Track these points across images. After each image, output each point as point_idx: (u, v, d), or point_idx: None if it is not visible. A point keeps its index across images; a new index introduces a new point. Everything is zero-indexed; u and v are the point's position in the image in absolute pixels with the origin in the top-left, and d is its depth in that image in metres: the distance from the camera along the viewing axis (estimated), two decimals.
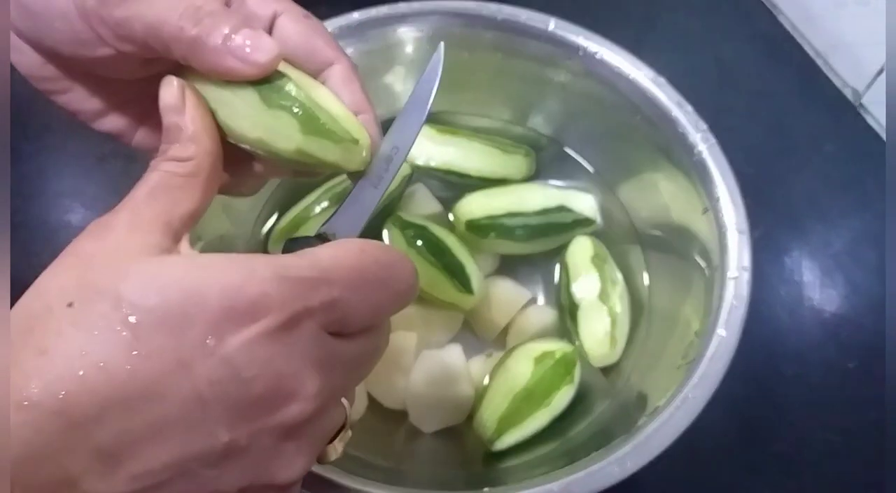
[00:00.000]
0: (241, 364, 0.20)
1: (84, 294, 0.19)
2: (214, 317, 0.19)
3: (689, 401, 0.32)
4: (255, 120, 0.24)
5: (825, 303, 0.48)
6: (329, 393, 0.22)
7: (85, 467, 0.18)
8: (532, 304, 0.44)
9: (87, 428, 0.18)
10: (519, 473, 0.37)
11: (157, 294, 0.19)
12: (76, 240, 0.21)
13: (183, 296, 0.19)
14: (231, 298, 0.20)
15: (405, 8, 0.42)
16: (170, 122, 0.24)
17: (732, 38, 0.59)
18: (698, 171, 0.38)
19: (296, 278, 0.21)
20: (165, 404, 0.19)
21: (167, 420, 0.19)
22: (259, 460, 0.21)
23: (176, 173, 0.23)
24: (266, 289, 0.20)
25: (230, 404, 0.20)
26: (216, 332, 0.20)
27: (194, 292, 0.20)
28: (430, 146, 0.46)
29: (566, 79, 0.44)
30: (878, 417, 0.44)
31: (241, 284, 0.20)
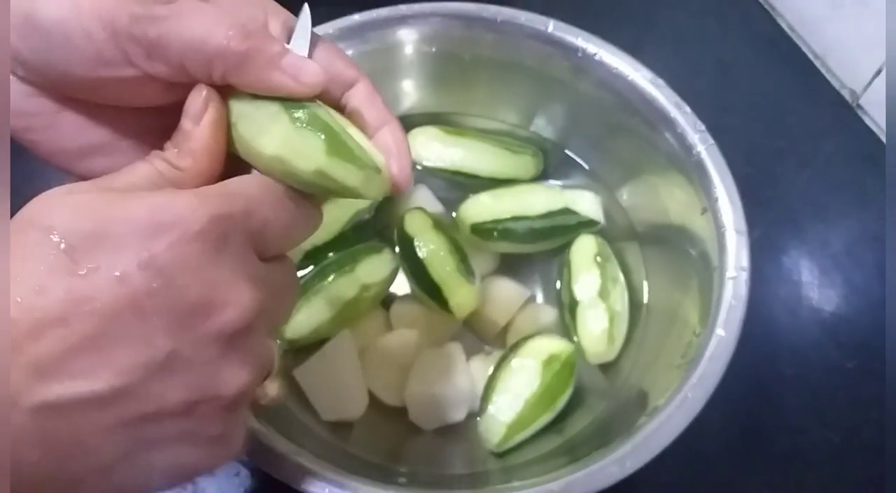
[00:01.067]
0: (176, 273, 0.21)
1: (17, 226, 0.20)
2: (145, 232, 0.21)
3: (689, 401, 0.32)
4: (278, 137, 0.24)
5: (824, 303, 0.48)
6: (260, 308, 0.23)
7: (23, 383, 0.19)
8: (531, 302, 0.45)
9: (24, 346, 0.19)
10: (519, 471, 0.37)
11: (88, 219, 0.20)
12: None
13: (114, 217, 0.21)
14: (158, 212, 0.21)
15: (405, 10, 0.42)
16: (183, 126, 0.24)
17: (731, 40, 0.59)
18: (697, 171, 0.38)
19: (216, 193, 0.22)
20: (105, 319, 0.20)
21: (107, 333, 0.20)
22: (202, 371, 0.22)
23: (163, 174, 0.24)
24: (189, 201, 0.21)
25: (168, 312, 0.21)
26: (148, 245, 0.21)
27: (124, 213, 0.21)
28: (439, 147, 0.46)
29: (566, 80, 0.44)
30: (877, 416, 0.44)
31: (166, 201, 0.21)
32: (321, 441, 0.38)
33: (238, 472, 0.41)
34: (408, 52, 0.44)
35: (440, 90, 0.48)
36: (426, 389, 0.40)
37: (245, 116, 0.24)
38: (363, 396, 0.41)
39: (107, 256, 0.20)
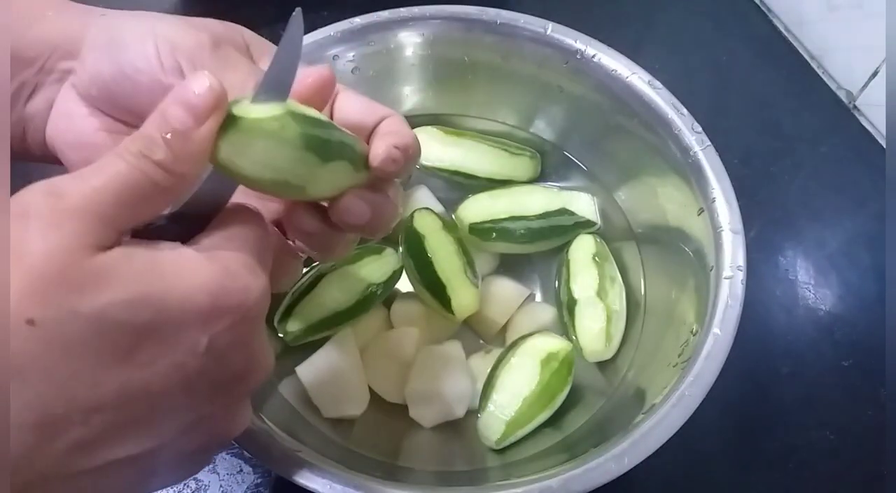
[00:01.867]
0: (227, 352, 0.21)
1: (50, 315, 0.18)
2: (203, 319, 0.20)
3: (686, 399, 0.32)
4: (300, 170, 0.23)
5: (820, 302, 0.48)
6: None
7: (59, 459, 0.19)
8: (531, 301, 0.45)
9: (69, 433, 0.19)
10: (518, 468, 0.38)
11: (147, 308, 0.19)
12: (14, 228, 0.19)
13: (171, 306, 0.20)
14: (218, 298, 0.21)
15: (406, 13, 0.43)
16: (181, 120, 0.21)
17: (727, 41, 0.60)
18: (694, 172, 0.39)
19: (255, 266, 0.22)
20: (156, 400, 0.20)
21: (154, 410, 0.20)
22: (222, 421, 0.23)
23: (157, 183, 0.21)
24: (245, 283, 0.22)
25: (214, 384, 0.22)
26: (208, 332, 0.21)
27: (181, 302, 0.20)
28: (437, 147, 0.47)
29: (564, 82, 0.44)
30: (873, 415, 0.44)
31: (223, 284, 0.21)
32: (323, 438, 0.39)
33: (241, 469, 0.42)
34: (408, 55, 0.45)
35: (440, 92, 0.48)
36: (426, 386, 0.40)
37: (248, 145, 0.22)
38: (364, 393, 0.41)
39: (166, 346, 0.20)
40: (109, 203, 0.20)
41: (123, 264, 0.19)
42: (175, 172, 0.21)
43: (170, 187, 0.21)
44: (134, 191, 0.20)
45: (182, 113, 0.21)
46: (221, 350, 0.21)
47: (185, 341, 0.20)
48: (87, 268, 0.19)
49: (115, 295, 0.19)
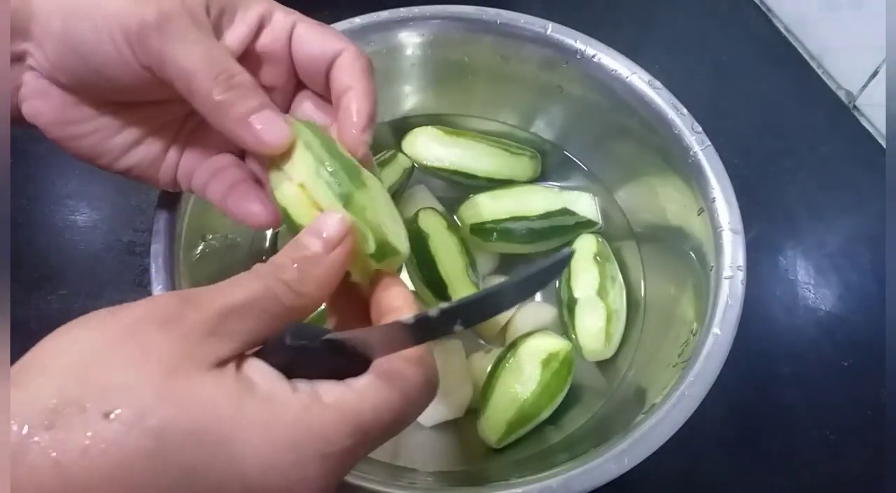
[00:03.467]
0: None
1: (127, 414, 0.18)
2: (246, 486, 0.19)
3: (686, 399, 0.32)
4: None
5: (820, 302, 0.48)
6: None
7: None
8: (530, 300, 0.45)
9: None
10: (518, 468, 0.38)
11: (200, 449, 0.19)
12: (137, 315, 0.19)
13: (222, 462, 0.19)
14: (267, 475, 0.19)
15: (406, 13, 0.43)
16: (310, 247, 0.23)
17: (727, 41, 0.60)
18: (694, 172, 0.39)
19: (337, 454, 0.20)
20: None
21: None
22: None
23: (279, 299, 0.22)
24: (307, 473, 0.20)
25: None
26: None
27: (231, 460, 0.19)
28: (438, 147, 0.47)
29: (564, 82, 0.44)
30: (873, 414, 0.44)
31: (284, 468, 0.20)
32: None
33: None
34: (408, 55, 0.45)
35: (440, 92, 0.48)
36: None
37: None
38: None
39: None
40: (235, 317, 0.21)
41: (212, 390, 0.19)
42: (298, 292, 0.22)
43: (292, 306, 0.22)
44: (260, 307, 0.21)
45: (314, 241, 0.23)
46: None
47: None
48: (190, 386, 0.19)
49: (180, 418, 0.18)
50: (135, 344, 0.19)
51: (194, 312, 0.20)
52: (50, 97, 0.26)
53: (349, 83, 0.28)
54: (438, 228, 0.43)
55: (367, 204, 0.25)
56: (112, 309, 0.20)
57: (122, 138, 0.28)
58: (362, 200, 0.25)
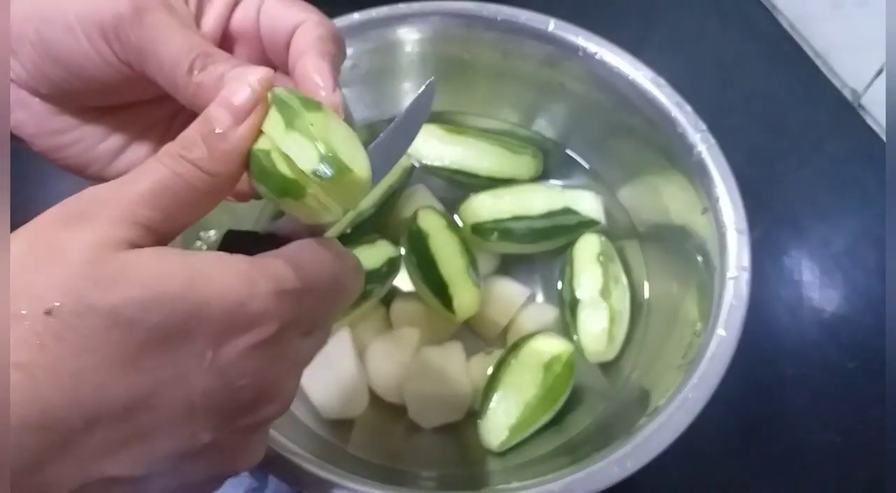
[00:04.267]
0: (234, 375, 0.20)
1: (67, 305, 0.18)
2: (215, 330, 0.20)
3: (689, 401, 0.32)
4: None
5: (825, 303, 0.48)
6: (296, 389, 0.23)
7: (64, 471, 0.18)
8: (531, 301, 0.45)
9: (72, 439, 0.18)
10: (520, 471, 0.37)
11: (158, 310, 0.19)
12: (41, 224, 0.19)
13: (186, 311, 0.19)
14: (234, 312, 0.20)
15: (405, 9, 0.42)
16: (219, 118, 0.21)
17: (732, 39, 0.59)
18: (698, 171, 0.38)
19: (290, 292, 0.21)
20: (157, 414, 0.19)
21: (155, 427, 0.19)
22: (230, 453, 0.22)
23: (194, 185, 0.21)
24: (266, 304, 0.20)
25: (218, 410, 0.21)
26: (215, 344, 0.20)
27: (197, 307, 0.19)
28: (439, 146, 0.46)
29: (567, 80, 0.44)
30: (878, 416, 0.44)
31: (243, 298, 0.20)
32: (321, 441, 0.38)
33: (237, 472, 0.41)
34: (408, 51, 0.44)
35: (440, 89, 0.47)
36: (426, 387, 0.40)
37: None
38: (364, 393, 0.41)
39: (172, 354, 0.19)
40: (146, 205, 0.20)
41: (148, 263, 0.19)
42: (210, 172, 0.21)
43: (206, 189, 0.21)
44: (169, 193, 0.20)
45: (223, 113, 0.21)
46: (229, 371, 0.20)
47: (191, 350, 0.19)
48: (112, 264, 0.19)
49: (131, 292, 0.18)
50: (47, 245, 0.19)
51: (100, 207, 0.19)
52: (31, 108, 0.26)
53: (303, 49, 0.25)
54: (438, 227, 0.43)
55: (317, 124, 0.22)
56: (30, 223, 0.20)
57: (108, 145, 0.27)
58: (311, 119, 0.22)
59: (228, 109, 0.21)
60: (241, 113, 0.21)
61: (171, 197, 0.20)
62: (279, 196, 0.22)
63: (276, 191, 0.22)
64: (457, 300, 0.41)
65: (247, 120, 0.21)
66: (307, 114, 0.22)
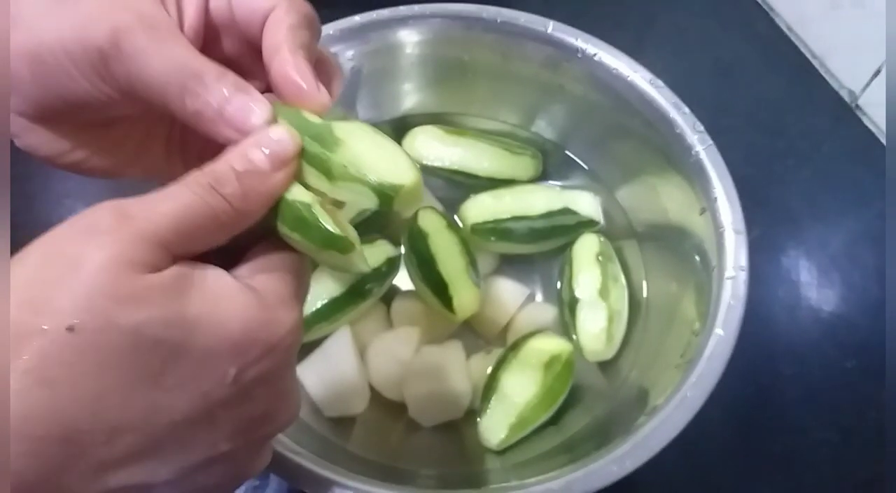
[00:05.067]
0: (253, 388, 0.21)
1: (90, 323, 0.18)
2: (237, 351, 0.20)
3: (688, 400, 0.32)
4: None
5: (822, 303, 0.48)
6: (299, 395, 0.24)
7: (84, 480, 0.19)
8: (531, 301, 0.45)
9: (94, 451, 0.18)
10: (519, 470, 0.37)
11: (181, 330, 0.19)
12: (60, 236, 0.19)
13: (205, 331, 0.20)
14: (249, 329, 0.21)
15: (406, 11, 0.42)
16: (258, 164, 0.22)
17: (729, 41, 0.59)
18: (696, 171, 0.39)
19: (290, 300, 0.22)
20: (178, 428, 0.20)
21: (175, 440, 0.20)
22: (243, 461, 0.23)
23: (219, 218, 0.21)
24: (282, 319, 0.21)
25: (237, 422, 0.21)
26: (237, 363, 0.20)
27: (220, 329, 0.20)
28: (439, 147, 0.47)
29: (566, 81, 0.44)
30: (876, 416, 0.44)
31: (256, 315, 0.21)
32: (322, 440, 0.38)
33: None
34: (408, 53, 0.45)
35: (441, 91, 0.48)
36: (425, 385, 0.40)
37: None
38: (365, 391, 0.41)
39: (194, 372, 0.20)
40: (171, 230, 0.20)
41: (170, 284, 0.20)
42: (239, 210, 0.21)
43: (229, 223, 0.21)
44: (195, 222, 0.21)
45: (261, 156, 0.22)
46: (248, 385, 0.21)
47: (214, 369, 0.20)
48: (135, 283, 0.19)
49: (154, 312, 0.19)
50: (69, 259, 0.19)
51: (124, 225, 0.19)
52: (38, 133, 0.25)
53: (276, 45, 0.24)
54: (438, 227, 0.43)
55: (349, 160, 0.23)
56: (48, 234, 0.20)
57: (112, 160, 0.27)
58: (340, 159, 0.23)
59: (270, 157, 0.22)
60: (281, 162, 0.22)
61: (194, 225, 0.21)
62: (322, 248, 0.23)
63: (320, 243, 0.23)
64: (457, 300, 0.41)
65: (285, 168, 0.22)
66: (333, 157, 0.23)
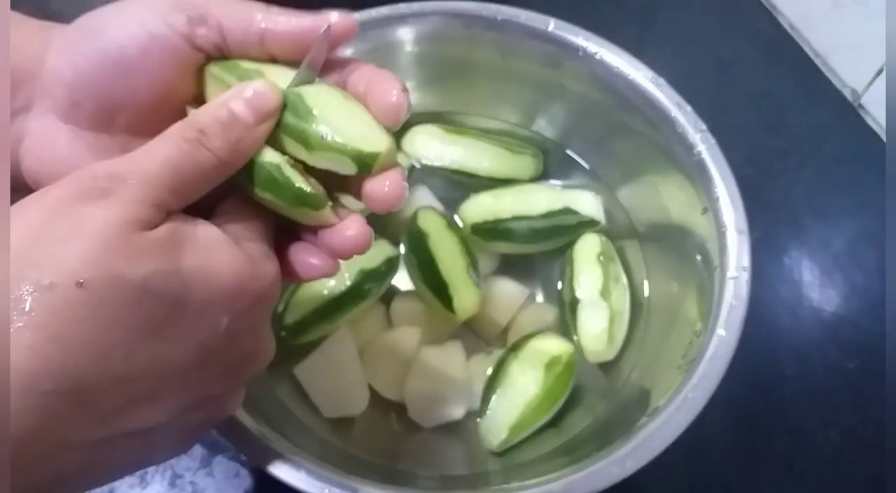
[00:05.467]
0: (242, 334, 0.23)
1: (99, 278, 0.19)
2: (230, 301, 0.22)
3: (689, 401, 0.32)
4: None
5: (825, 303, 0.48)
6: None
7: (89, 428, 0.20)
8: (531, 301, 0.45)
9: (99, 401, 0.19)
10: (519, 471, 0.37)
11: (180, 283, 0.20)
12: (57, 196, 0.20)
13: (205, 285, 0.21)
14: (241, 281, 0.22)
15: (405, 8, 0.42)
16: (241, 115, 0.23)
17: (732, 39, 0.59)
18: (698, 171, 0.38)
19: (270, 254, 0.24)
20: (176, 375, 0.21)
21: (174, 385, 0.21)
22: (222, 401, 0.24)
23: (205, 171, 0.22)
24: (265, 270, 0.23)
25: (225, 366, 0.23)
26: (229, 312, 0.22)
27: (214, 282, 0.21)
28: (439, 146, 0.46)
29: (567, 80, 0.44)
30: (878, 416, 0.44)
31: (246, 269, 0.22)
32: (321, 441, 0.38)
33: (237, 473, 0.41)
34: (408, 51, 0.44)
35: (440, 89, 0.48)
36: (425, 386, 0.40)
37: None
38: (364, 392, 0.41)
39: (192, 322, 0.21)
40: (165, 189, 0.21)
41: (167, 239, 0.21)
42: (225, 163, 0.22)
43: (214, 176, 0.22)
44: (184, 177, 0.22)
45: (245, 109, 0.23)
46: (238, 332, 0.22)
47: (209, 318, 0.21)
48: (139, 242, 0.20)
49: (157, 266, 0.20)
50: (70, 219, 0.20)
51: (121, 185, 0.20)
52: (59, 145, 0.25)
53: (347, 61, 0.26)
54: (438, 227, 0.43)
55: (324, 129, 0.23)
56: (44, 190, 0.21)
57: None
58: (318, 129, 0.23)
59: (252, 107, 0.23)
60: (264, 115, 0.23)
61: (184, 181, 0.22)
62: (294, 206, 0.24)
63: (292, 202, 0.24)
64: (457, 300, 0.40)
65: (267, 122, 0.23)
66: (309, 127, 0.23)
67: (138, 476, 0.41)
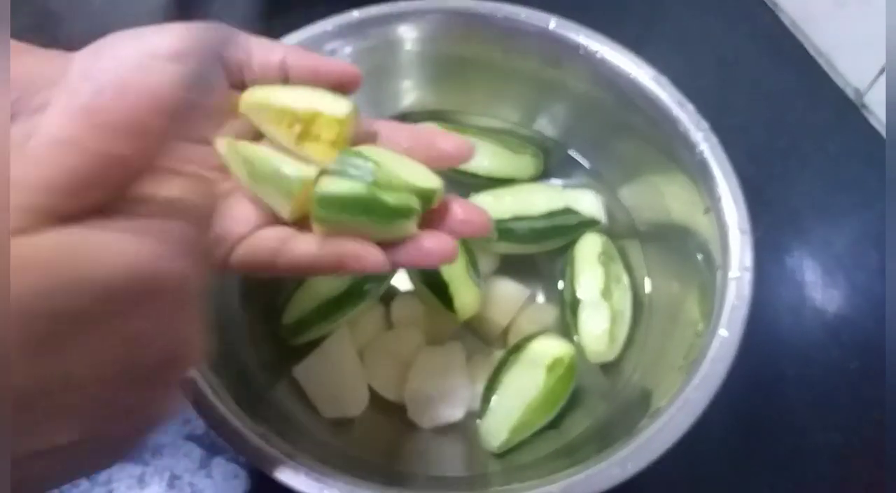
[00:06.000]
0: (147, 340, 0.21)
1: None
2: (119, 305, 0.20)
3: (691, 402, 0.32)
4: None
5: (827, 303, 0.48)
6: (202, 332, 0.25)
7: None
8: (532, 302, 0.44)
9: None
10: (520, 473, 0.37)
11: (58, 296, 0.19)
12: None
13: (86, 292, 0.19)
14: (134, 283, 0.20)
15: (405, 6, 0.42)
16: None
17: (734, 37, 0.59)
18: (700, 170, 0.38)
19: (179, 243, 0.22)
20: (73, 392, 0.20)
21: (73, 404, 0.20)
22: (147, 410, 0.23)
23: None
24: (174, 270, 0.21)
25: (133, 373, 0.21)
26: (122, 317, 0.20)
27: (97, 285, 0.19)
28: None
29: (567, 78, 0.44)
30: (879, 417, 0.43)
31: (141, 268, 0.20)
32: (320, 443, 0.38)
33: (236, 474, 0.41)
34: (407, 49, 0.44)
35: (440, 88, 0.47)
36: (425, 387, 0.40)
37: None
38: (364, 392, 0.40)
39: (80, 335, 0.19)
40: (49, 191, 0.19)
41: (45, 251, 0.19)
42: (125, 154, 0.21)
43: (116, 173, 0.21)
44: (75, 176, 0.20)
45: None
46: (145, 338, 0.20)
47: (99, 327, 0.19)
48: (16, 248, 0.18)
49: (29, 284, 0.18)
50: None
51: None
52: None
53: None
54: None
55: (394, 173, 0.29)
56: None
57: None
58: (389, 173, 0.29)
59: None
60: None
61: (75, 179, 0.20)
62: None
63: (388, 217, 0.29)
64: (457, 301, 0.40)
65: None
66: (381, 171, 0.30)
67: (136, 477, 0.41)
